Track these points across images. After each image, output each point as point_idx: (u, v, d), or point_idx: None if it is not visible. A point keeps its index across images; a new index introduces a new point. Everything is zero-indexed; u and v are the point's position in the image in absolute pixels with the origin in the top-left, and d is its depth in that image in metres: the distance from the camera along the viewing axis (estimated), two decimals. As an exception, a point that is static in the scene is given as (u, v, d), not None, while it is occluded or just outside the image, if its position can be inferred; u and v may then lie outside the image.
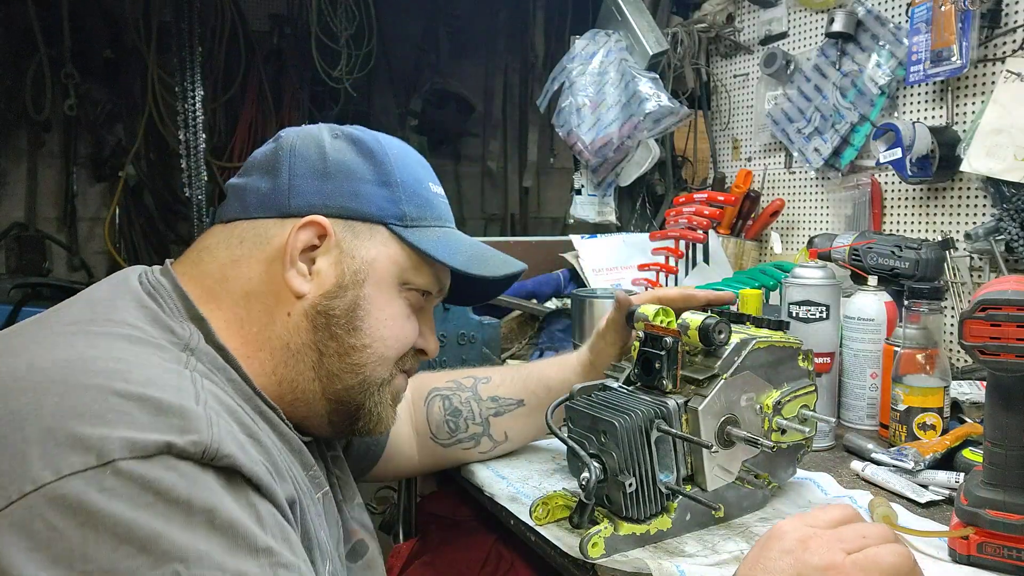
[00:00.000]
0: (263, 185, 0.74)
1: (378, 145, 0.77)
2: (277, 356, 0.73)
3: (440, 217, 0.81)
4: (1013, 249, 1.38)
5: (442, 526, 1.37)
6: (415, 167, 0.80)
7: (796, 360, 0.92)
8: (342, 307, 0.73)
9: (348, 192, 0.74)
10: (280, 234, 0.72)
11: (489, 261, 0.82)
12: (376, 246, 0.75)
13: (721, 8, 2.12)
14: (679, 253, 1.76)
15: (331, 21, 2.81)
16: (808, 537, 0.63)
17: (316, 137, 0.76)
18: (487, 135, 3.41)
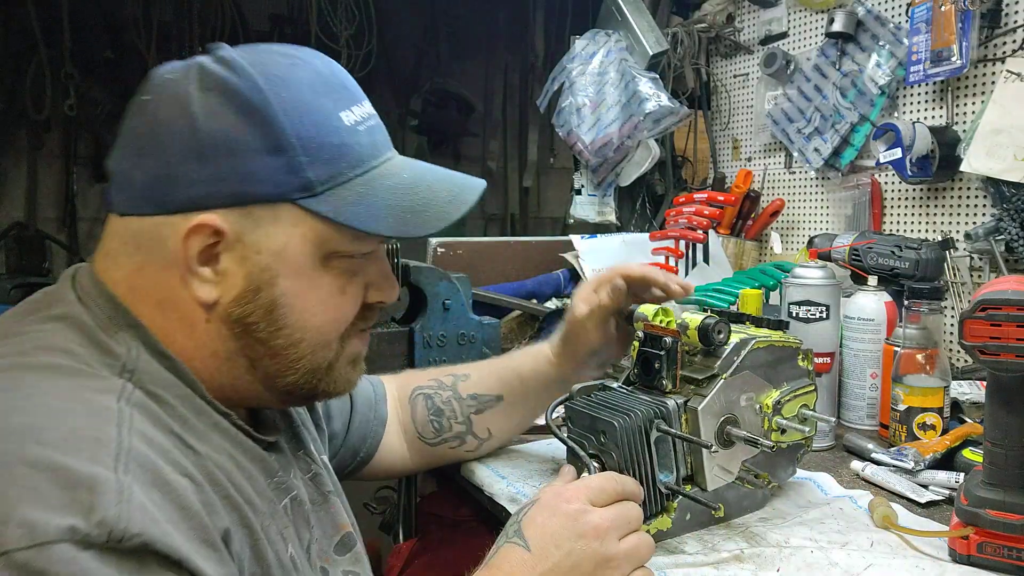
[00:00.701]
0: (137, 174, 0.63)
1: (259, 94, 0.62)
2: (210, 364, 0.66)
3: (360, 160, 0.67)
4: (1013, 249, 1.38)
5: (442, 526, 1.37)
6: (316, 103, 0.65)
7: (796, 360, 0.92)
8: (258, 312, 0.65)
9: (234, 173, 0.62)
10: (172, 235, 0.62)
11: (430, 209, 0.68)
12: (283, 230, 0.64)
13: (721, 8, 2.12)
14: (679, 253, 1.76)
15: (331, 21, 2.81)
16: (604, 528, 0.71)
17: (182, 98, 0.62)
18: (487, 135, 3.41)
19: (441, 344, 1.47)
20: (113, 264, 0.65)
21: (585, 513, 0.71)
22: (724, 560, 0.80)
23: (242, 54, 0.65)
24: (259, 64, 0.64)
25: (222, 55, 0.65)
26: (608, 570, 0.70)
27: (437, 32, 3.23)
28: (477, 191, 0.72)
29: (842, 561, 0.79)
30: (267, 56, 0.66)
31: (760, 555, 0.81)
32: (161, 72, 0.66)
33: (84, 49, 2.78)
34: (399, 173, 0.69)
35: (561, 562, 0.68)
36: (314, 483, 0.79)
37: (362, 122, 0.68)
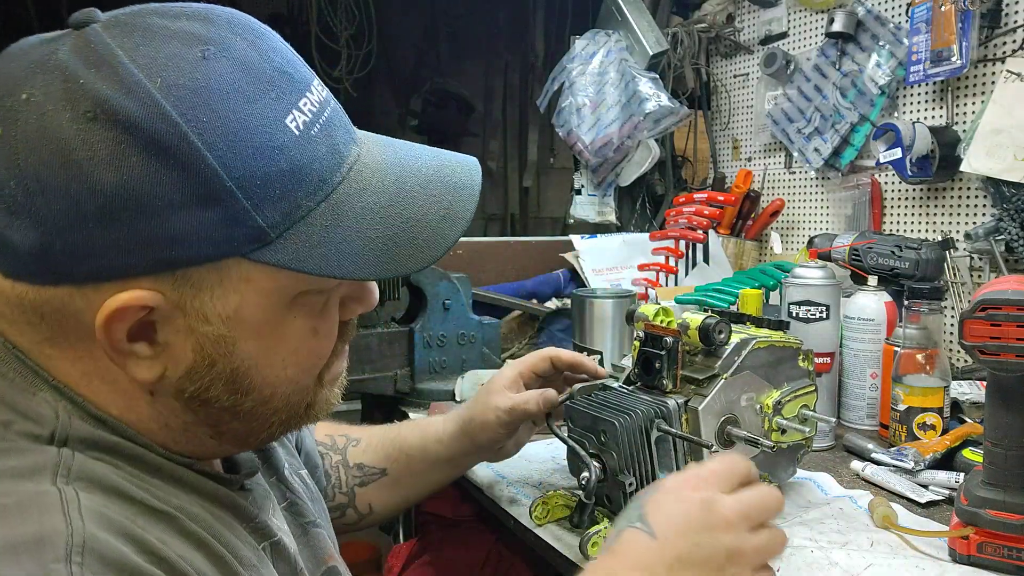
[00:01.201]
0: (14, 237, 0.47)
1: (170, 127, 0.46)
2: (162, 433, 0.54)
3: (320, 181, 0.51)
4: (1013, 249, 1.38)
5: (442, 526, 1.37)
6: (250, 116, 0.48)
7: (796, 360, 0.92)
8: (216, 385, 0.53)
9: (154, 237, 0.46)
10: (86, 308, 0.48)
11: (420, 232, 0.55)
12: (233, 289, 0.51)
13: (721, 8, 2.12)
14: (679, 253, 1.76)
15: (331, 21, 2.82)
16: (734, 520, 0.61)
17: (56, 140, 0.45)
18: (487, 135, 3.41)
19: (441, 344, 1.47)
20: (13, 329, 0.51)
21: (715, 502, 0.61)
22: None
23: (123, 41, 0.47)
24: (155, 68, 0.46)
25: (93, 43, 0.47)
26: (736, 566, 0.60)
27: (437, 32, 3.23)
28: (475, 188, 0.59)
29: (842, 561, 0.79)
30: (163, 48, 0.47)
31: (760, 555, 0.80)
32: (10, 78, 0.47)
33: (84, 49, 2.78)
34: (373, 182, 0.55)
35: (688, 553, 0.59)
36: (291, 513, 0.70)
37: (314, 120, 0.52)
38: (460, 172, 0.60)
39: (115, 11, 0.50)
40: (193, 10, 0.51)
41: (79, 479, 0.46)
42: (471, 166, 0.61)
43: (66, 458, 0.47)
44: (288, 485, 0.72)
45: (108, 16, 0.49)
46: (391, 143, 0.60)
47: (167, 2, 0.51)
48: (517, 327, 1.78)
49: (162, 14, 0.50)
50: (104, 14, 0.49)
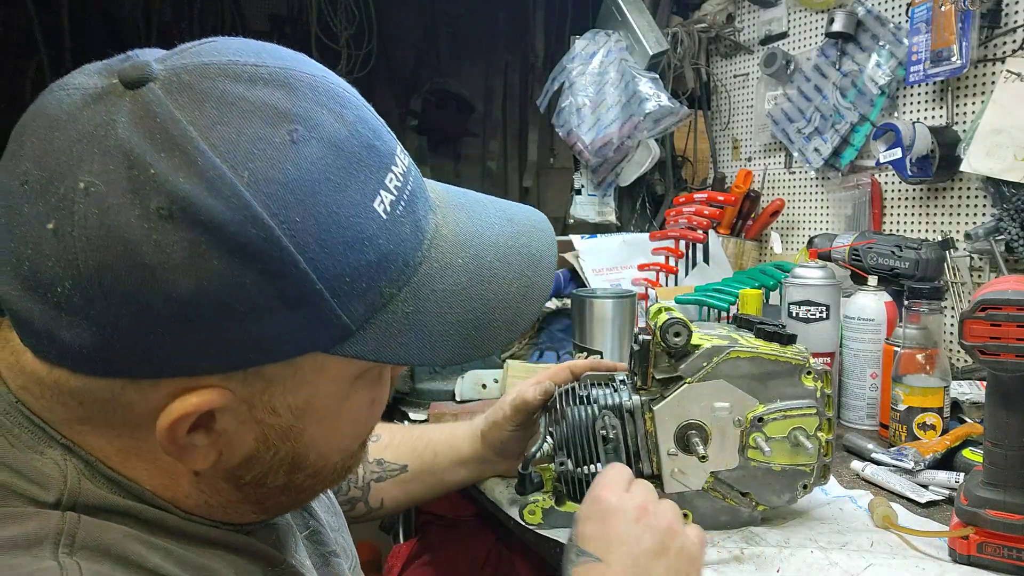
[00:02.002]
0: (66, 336, 0.42)
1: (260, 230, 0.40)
2: (191, 507, 0.50)
3: (404, 264, 0.48)
4: (1013, 249, 1.38)
5: (442, 526, 1.37)
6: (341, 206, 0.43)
7: (797, 378, 0.85)
8: (276, 470, 0.50)
9: (233, 341, 0.43)
10: (139, 401, 0.44)
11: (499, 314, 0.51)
12: (307, 380, 0.48)
13: (721, 8, 2.12)
14: (679, 253, 1.76)
15: (331, 21, 2.81)
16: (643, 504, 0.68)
17: (124, 240, 0.39)
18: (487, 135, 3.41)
19: (441, 344, 1.47)
20: (36, 403, 0.46)
21: (624, 500, 0.68)
22: (724, 560, 0.80)
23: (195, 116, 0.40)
24: (240, 157, 0.40)
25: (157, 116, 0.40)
26: (672, 537, 0.67)
27: (437, 32, 3.22)
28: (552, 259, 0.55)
29: (842, 561, 0.79)
30: (246, 128, 0.41)
31: (760, 555, 0.80)
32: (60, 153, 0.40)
33: (84, 49, 2.78)
34: (453, 259, 0.51)
35: (635, 553, 0.65)
36: (312, 542, 0.68)
37: (399, 197, 0.47)
38: (536, 238, 0.57)
39: (173, 63, 0.42)
40: (270, 72, 0.43)
41: (83, 548, 0.42)
42: (544, 227, 0.58)
43: (70, 524, 0.43)
44: (311, 511, 0.70)
45: (167, 71, 0.42)
46: (463, 202, 0.56)
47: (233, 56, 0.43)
48: (517, 327, 1.77)
49: (235, 77, 0.42)
50: (160, 65, 0.42)
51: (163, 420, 0.44)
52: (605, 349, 1.44)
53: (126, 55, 0.44)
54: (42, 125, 0.42)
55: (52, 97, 0.43)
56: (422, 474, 0.97)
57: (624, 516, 0.67)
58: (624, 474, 0.73)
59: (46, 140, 0.41)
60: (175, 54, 0.44)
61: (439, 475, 0.98)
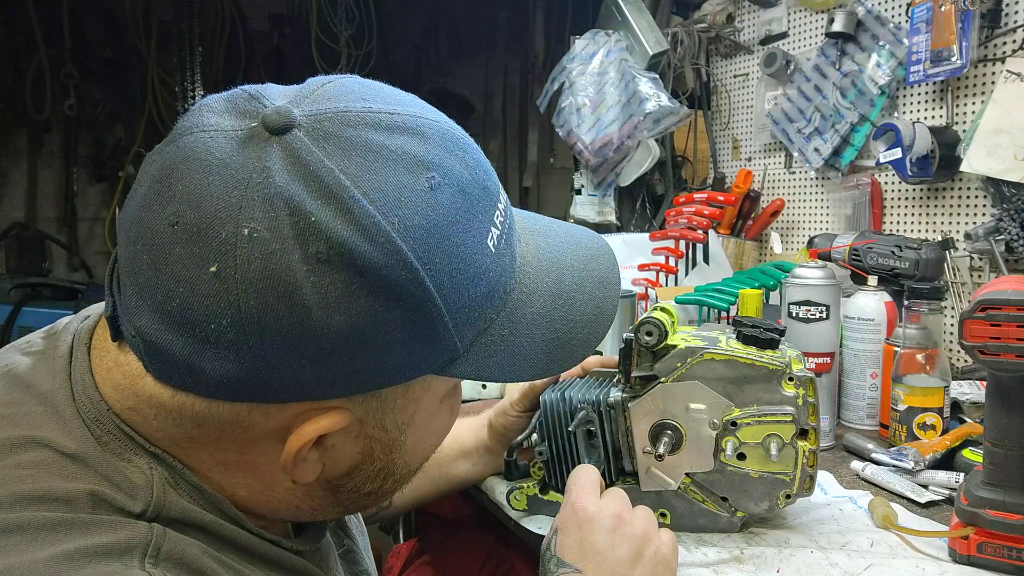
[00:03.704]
0: (208, 367, 0.44)
1: (408, 274, 0.44)
2: (282, 513, 0.55)
3: (505, 292, 0.52)
4: (1013, 249, 1.38)
5: (442, 526, 1.37)
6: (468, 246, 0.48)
7: (776, 383, 0.82)
8: (373, 479, 0.54)
9: (369, 370, 0.46)
10: (263, 422, 0.48)
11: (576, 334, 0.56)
12: (415, 399, 0.52)
13: (721, 8, 2.12)
14: (679, 253, 1.76)
15: (331, 21, 2.81)
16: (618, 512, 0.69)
17: (283, 281, 0.42)
18: (487, 135, 3.41)
19: (441, 344, 1.47)
20: (144, 425, 0.49)
21: (601, 510, 0.70)
22: (724, 560, 0.80)
23: (345, 164, 0.44)
24: (389, 205, 0.44)
25: (310, 164, 0.43)
26: (647, 543, 0.69)
27: (437, 32, 3.23)
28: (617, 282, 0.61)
29: (842, 561, 0.79)
30: (391, 176, 0.44)
31: (760, 555, 0.80)
32: (219, 203, 0.43)
33: (84, 49, 2.78)
34: (539, 284, 0.55)
35: (612, 561, 0.67)
36: (346, 561, 0.70)
37: (503, 232, 0.51)
38: (603, 262, 0.62)
39: (311, 108, 0.46)
40: (404, 122, 0.47)
41: (168, 560, 0.44)
42: (608, 251, 0.63)
43: (157, 536, 0.45)
44: (346, 530, 0.73)
45: (308, 119, 0.45)
46: (537, 227, 0.60)
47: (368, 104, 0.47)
48: (517, 327, 1.77)
49: (375, 125, 0.46)
50: (299, 110, 0.45)
51: (293, 443, 0.48)
52: (605, 349, 1.44)
53: (247, 92, 0.47)
54: (193, 169, 0.44)
55: (194, 140, 0.45)
56: (428, 467, 0.96)
57: (600, 525, 0.68)
58: (593, 477, 0.74)
59: (201, 184, 0.43)
60: (306, 98, 0.47)
61: (443, 468, 0.98)
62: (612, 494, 0.73)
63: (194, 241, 0.43)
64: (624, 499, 0.73)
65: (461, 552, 1.30)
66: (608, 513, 0.69)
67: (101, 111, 2.92)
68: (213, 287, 0.42)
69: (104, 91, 2.91)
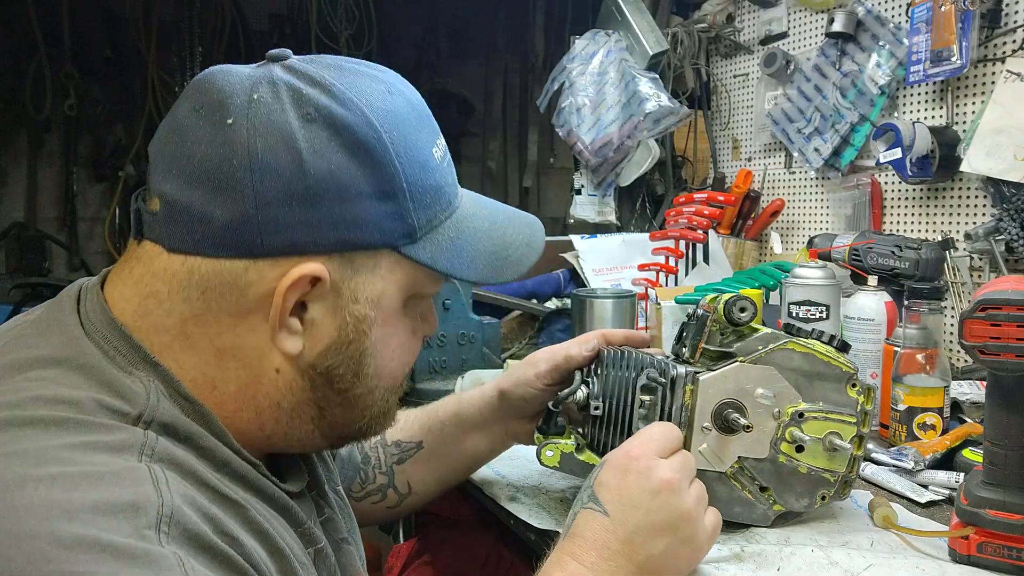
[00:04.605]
0: (216, 212, 0.54)
1: (374, 133, 0.57)
2: (265, 415, 0.61)
3: (449, 201, 0.64)
4: (1013, 249, 1.38)
5: (442, 526, 1.36)
6: (418, 140, 0.61)
7: (843, 385, 0.86)
8: (346, 363, 0.61)
9: (342, 219, 0.56)
10: (257, 281, 0.56)
11: (511, 253, 0.67)
12: (382, 277, 0.61)
13: (721, 8, 2.12)
14: (679, 253, 1.76)
15: (331, 21, 2.82)
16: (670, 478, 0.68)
17: (283, 129, 0.55)
18: (487, 135, 3.41)
19: (441, 344, 1.47)
20: (159, 308, 0.57)
21: (656, 468, 0.68)
22: (725, 558, 0.80)
23: (331, 72, 0.58)
24: (359, 92, 0.58)
25: (308, 72, 0.58)
26: (685, 523, 0.68)
27: (437, 32, 3.23)
28: (542, 231, 0.73)
29: (842, 561, 0.79)
30: (359, 80, 0.59)
31: (760, 553, 0.80)
32: (239, 90, 0.56)
33: (84, 49, 2.78)
34: (476, 212, 0.68)
35: (642, 522, 0.66)
36: (327, 528, 0.73)
37: (444, 156, 0.65)
38: (528, 219, 0.74)
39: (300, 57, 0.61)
40: (369, 65, 0.63)
41: (161, 460, 0.50)
42: (534, 219, 0.74)
43: (151, 440, 0.51)
44: (327, 500, 0.75)
45: (298, 56, 0.61)
46: (472, 192, 0.71)
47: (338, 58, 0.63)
48: (517, 327, 1.78)
49: (344, 60, 0.62)
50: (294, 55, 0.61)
51: (285, 282, 0.56)
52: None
53: None
54: (214, 77, 0.58)
55: (215, 68, 0.60)
56: (438, 447, 0.97)
57: (645, 481, 0.67)
58: (670, 437, 0.72)
59: (220, 83, 0.57)
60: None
61: (454, 445, 0.97)
62: (679, 459, 0.71)
63: (214, 111, 0.56)
64: (688, 469, 0.71)
65: (461, 552, 1.30)
66: (660, 475, 0.68)
67: (101, 111, 2.92)
68: (230, 135, 0.55)
69: (104, 91, 2.91)
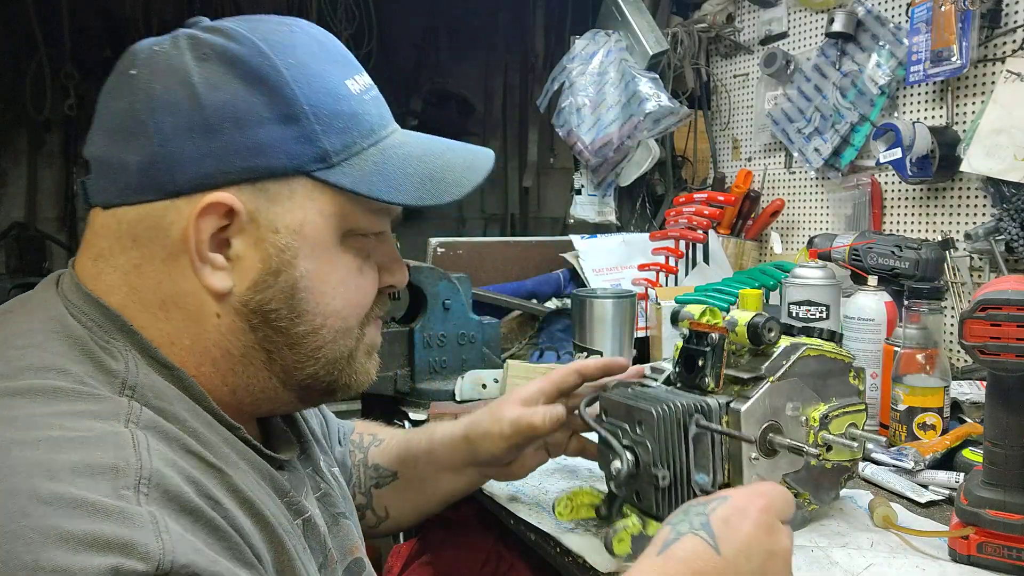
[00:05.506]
0: (130, 157, 0.58)
1: (265, 60, 0.59)
2: (221, 365, 0.62)
3: (371, 130, 0.64)
4: (1013, 249, 1.38)
5: (442, 526, 1.36)
6: (322, 70, 0.62)
7: (847, 376, 0.88)
8: (278, 297, 0.61)
9: (244, 146, 0.58)
10: (177, 220, 0.58)
11: (448, 175, 0.66)
12: (300, 205, 0.61)
13: (721, 8, 2.12)
14: (679, 253, 1.76)
15: (331, 21, 2.81)
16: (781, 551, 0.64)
17: (179, 69, 0.58)
18: (487, 135, 3.41)
19: (441, 344, 1.47)
20: (107, 266, 0.60)
21: (779, 529, 0.64)
22: None
23: (235, 22, 0.62)
24: (257, 31, 0.61)
25: (212, 24, 0.62)
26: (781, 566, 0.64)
27: (437, 32, 3.22)
28: (490, 158, 0.70)
29: (842, 561, 0.79)
30: (262, 24, 0.62)
31: (760, 555, 0.80)
32: (145, 46, 0.61)
33: (84, 49, 2.78)
34: (409, 142, 0.67)
35: (744, 565, 0.61)
36: (323, 503, 0.74)
37: (366, 91, 0.65)
38: (473, 148, 0.72)
39: None
40: (280, 17, 0.66)
41: (146, 427, 0.52)
42: (485, 149, 0.72)
43: (135, 409, 0.53)
44: (323, 477, 0.76)
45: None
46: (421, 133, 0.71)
47: None
48: (517, 327, 1.78)
49: (257, 16, 0.64)
50: None
51: (193, 212, 0.57)
52: (605, 349, 1.44)
53: None
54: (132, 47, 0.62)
55: None
56: (412, 482, 0.96)
57: (767, 542, 0.63)
58: (789, 502, 0.67)
59: (134, 47, 0.61)
60: None
61: (429, 482, 0.96)
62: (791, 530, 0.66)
63: (123, 69, 0.60)
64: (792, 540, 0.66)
65: (461, 552, 1.30)
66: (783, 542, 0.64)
67: (101, 111, 2.92)
68: (132, 84, 0.59)
69: (104, 91, 2.91)
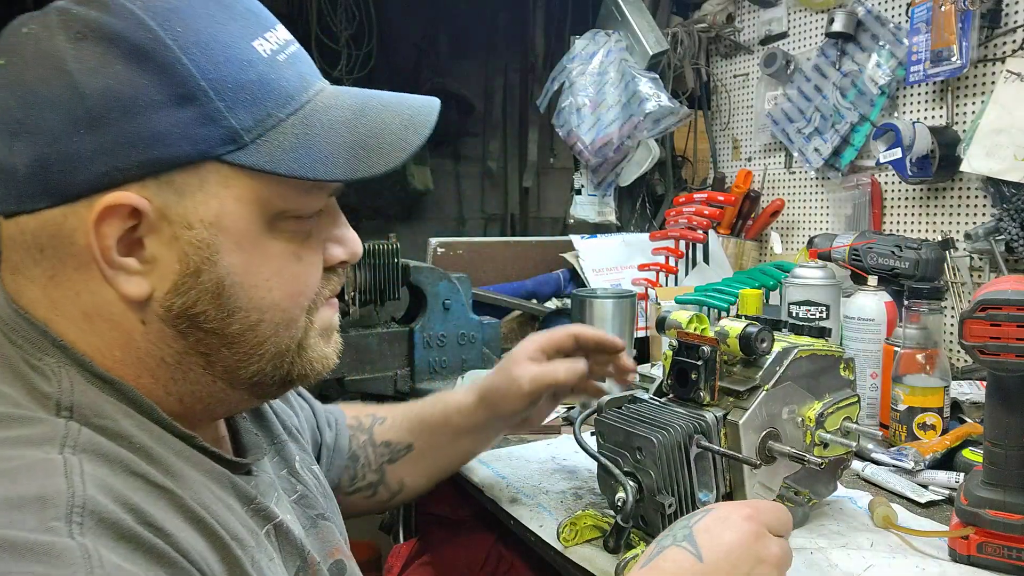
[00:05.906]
0: (15, 160, 0.51)
1: (148, 33, 0.51)
2: (160, 375, 0.57)
3: (288, 97, 0.56)
4: (1013, 249, 1.38)
5: (442, 526, 1.37)
6: (220, 34, 0.53)
7: (837, 369, 0.87)
8: (204, 298, 0.55)
9: (138, 136, 0.51)
10: (79, 226, 0.52)
11: (384, 139, 0.58)
12: (214, 194, 0.53)
13: (721, 8, 2.12)
14: (679, 253, 1.76)
15: (331, 21, 2.82)
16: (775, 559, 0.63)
17: (51, 55, 0.51)
18: (487, 135, 3.41)
19: (441, 344, 1.47)
20: (24, 279, 0.54)
21: (764, 537, 0.63)
22: None
23: None
24: None
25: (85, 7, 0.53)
26: None
27: (437, 32, 3.22)
28: (433, 110, 0.62)
29: (842, 561, 0.79)
30: None
31: (760, 555, 0.80)
32: (13, 28, 0.53)
33: None
34: (338, 104, 0.58)
35: None
36: (301, 506, 0.71)
37: (280, 50, 0.57)
38: (419, 99, 0.63)
39: None
40: None
41: (85, 451, 0.48)
42: (429, 98, 0.64)
43: (72, 431, 0.49)
44: (299, 479, 0.74)
45: None
46: (355, 88, 0.64)
47: None
48: (517, 327, 1.78)
49: None
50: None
51: (91, 217, 0.51)
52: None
53: None
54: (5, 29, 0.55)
55: None
56: (427, 450, 0.98)
57: (756, 552, 0.62)
58: (784, 519, 0.66)
59: (4, 29, 0.54)
60: None
61: (443, 448, 0.98)
62: (786, 545, 0.65)
63: None
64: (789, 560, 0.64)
65: (461, 552, 1.30)
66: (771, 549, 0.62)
67: (101, 111, 2.92)
68: (5, 77, 0.52)
69: (104, 91, 2.91)
